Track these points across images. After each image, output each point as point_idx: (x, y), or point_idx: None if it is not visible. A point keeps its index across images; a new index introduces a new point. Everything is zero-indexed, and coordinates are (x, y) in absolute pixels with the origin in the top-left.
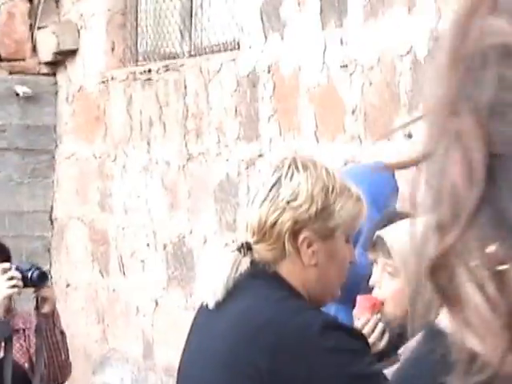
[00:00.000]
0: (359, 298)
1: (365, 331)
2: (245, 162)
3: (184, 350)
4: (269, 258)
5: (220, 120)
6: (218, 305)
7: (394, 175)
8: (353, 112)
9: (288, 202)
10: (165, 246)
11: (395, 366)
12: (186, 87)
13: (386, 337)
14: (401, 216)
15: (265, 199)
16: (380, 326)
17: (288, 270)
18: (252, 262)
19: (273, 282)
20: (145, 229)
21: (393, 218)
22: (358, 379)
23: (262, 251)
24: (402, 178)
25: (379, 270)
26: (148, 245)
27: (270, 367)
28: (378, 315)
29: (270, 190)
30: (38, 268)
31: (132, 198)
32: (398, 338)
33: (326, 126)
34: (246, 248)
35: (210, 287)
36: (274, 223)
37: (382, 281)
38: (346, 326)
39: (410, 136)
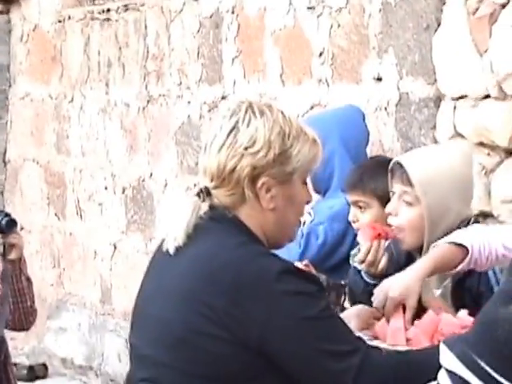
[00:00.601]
0: (364, 226)
1: (368, 258)
2: (207, 105)
3: (140, 290)
4: (228, 202)
5: (182, 61)
6: (178, 249)
7: (364, 118)
8: (320, 55)
9: (246, 148)
10: (124, 190)
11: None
12: (146, 27)
13: (384, 261)
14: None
15: (223, 145)
16: (381, 253)
17: (247, 215)
18: (211, 207)
19: (232, 227)
20: (103, 171)
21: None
22: (313, 321)
23: (221, 196)
24: (370, 121)
25: (396, 198)
26: (106, 188)
27: (225, 308)
28: (382, 243)
29: (228, 135)
30: (6, 215)
31: (90, 140)
32: (406, 263)
33: (292, 68)
34: (206, 193)
35: (171, 232)
36: (233, 169)
37: (398, 209)
38: (302, 271)
39: (379, 79)
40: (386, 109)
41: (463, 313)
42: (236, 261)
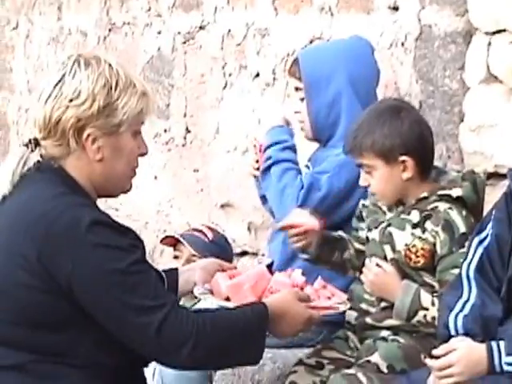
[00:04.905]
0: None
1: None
2: (182, 36)
3: None
4: (55, 153)
5: None
6: (4, 199)
7: (373, 53)
8: None
9: (71, 100)
10: None
11: None
12: None
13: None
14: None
15: (49, 97)
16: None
17: (73, 166)
18: (40, 158)
19: (55, 177)
20: None
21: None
22: (119, 275)
23: (48, 147)
24: (384, 58)
25: None
26: None
27: (38, 258)
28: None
29: (54, 87)
30: None
31: (38, 74)
32: None
33: None
34: (34, 144)
35: None
36: (58, 121)
37: None
38: (116, 224)
39: (395, 8)
40: (403, 44)
41: (297, 272)
42: (49, 212)
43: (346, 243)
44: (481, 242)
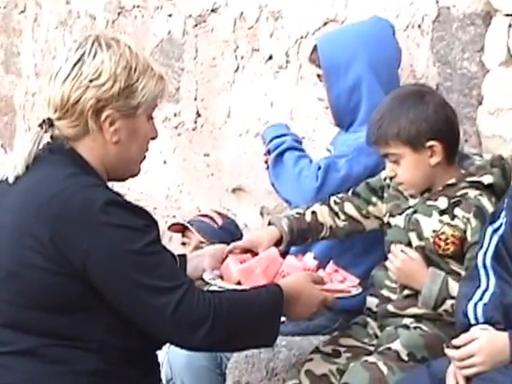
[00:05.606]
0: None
1: None
2: (193, 19)
3: None
4: (70, 134)
5: None
6: (17, 178)
7: (394, 33)
8: None
9: (91, 81)
10: None
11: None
12: None
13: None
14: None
15: (67, 76)
16: None
17: (88, 147)
18: (53, 138)
19: (67, 158)
20: None
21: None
22: (135, 255)
23: (63, 128)
24: (400, 40)
25: None
26: None
27: (51, 239)
28: None
29: (73, 67)
30: None
31: (46, 58)
32: None
33: None
34: (48, 124)
35: (11, 161)
36: (77, 101)
37: None
38: (130, 204)
39: None
40: (420, 26)
41: (309, 256)
42: (62, 193)
43: (319, 226)
44: (495, 231)
